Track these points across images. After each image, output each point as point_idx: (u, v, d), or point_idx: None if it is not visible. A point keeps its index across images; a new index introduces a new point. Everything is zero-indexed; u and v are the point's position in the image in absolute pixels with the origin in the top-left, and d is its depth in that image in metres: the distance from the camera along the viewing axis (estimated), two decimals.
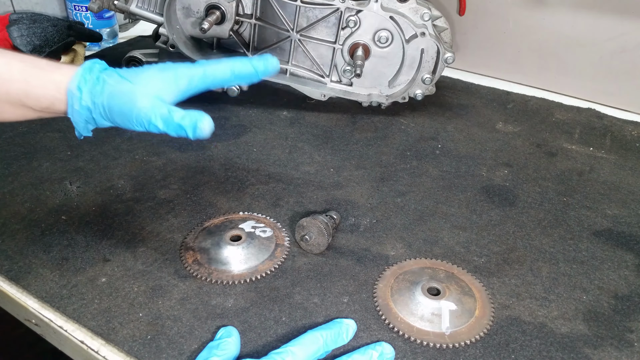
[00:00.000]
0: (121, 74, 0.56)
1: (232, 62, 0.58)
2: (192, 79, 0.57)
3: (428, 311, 0.57)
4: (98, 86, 0.55)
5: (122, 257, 0.64)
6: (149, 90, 0.55)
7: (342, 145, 0.89)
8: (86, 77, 0.55)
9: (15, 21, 0.97)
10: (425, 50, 0.90)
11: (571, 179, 0.82)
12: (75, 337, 0.55)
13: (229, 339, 0.52)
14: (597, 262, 0.66)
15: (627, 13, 0.96)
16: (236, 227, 0.67)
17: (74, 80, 0.55)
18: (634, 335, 0.57)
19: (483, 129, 0.95)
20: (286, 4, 0.89)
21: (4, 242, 0.66)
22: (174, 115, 0.53)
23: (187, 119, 0.53)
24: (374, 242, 0.68)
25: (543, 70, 1.09)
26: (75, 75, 0.55)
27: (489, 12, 1.09)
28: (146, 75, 0.56)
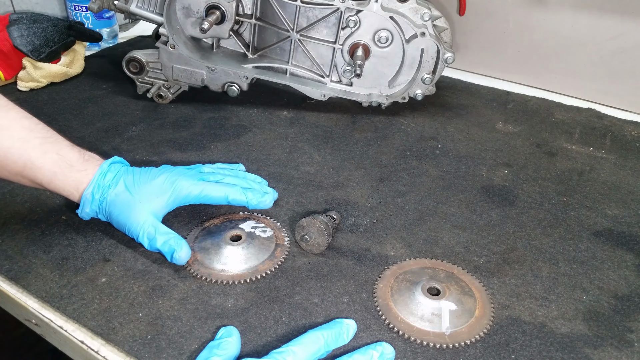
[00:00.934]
0: (127, 182, 0.63)
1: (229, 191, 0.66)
2: (187, 198, 0.65)
3: (428, 311, 0.57)
4: (106, 194, 0.63)
5: (122, 257, 0.64)
6: (144, 205, 0.62)
7: (342, 145, 0.89)
8: (100, 184, 0.63)
9: (15, 21, 0.97)
10: (425, 50, 0.90)
11: (571, 179, 0.82)
12: (75, 337, 0.55)
13: (230, 338, 0.52)
14: (597, 262, 0.66)
15: (627, 13, 0.96)
16: (236, 227, 0.67)
17: (90, 187, 0.62)
18: (634, 335, 0.57)
19: (483, 129, 0.95)
20: (286, 4, 0.89)
21: (4, 242, 0.66)
22: (157, 239, 0.61)
23: (166, 247, 0.60)
24: (374, 242, 0.68)
25: (543, 70, 1.09)
26: (91, 182, 0.62)
27: (489, 12, 1.09)
28: (146, 189, 0.63)
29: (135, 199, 0.62)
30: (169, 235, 0.61)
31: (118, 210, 0.62)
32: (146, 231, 0.61)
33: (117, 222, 0.63)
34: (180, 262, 0.60)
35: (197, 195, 0.65)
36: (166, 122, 0.93)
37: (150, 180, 0.64)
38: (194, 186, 0.65)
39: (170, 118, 0.94)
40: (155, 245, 0.61)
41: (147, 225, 0.61)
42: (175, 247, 0.60)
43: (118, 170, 0.64)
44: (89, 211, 0.64)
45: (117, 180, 0.63)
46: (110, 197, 0.62)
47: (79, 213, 0.64)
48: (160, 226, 0.62)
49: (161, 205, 0.64)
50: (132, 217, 0.62)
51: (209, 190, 0.65)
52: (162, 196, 0.64)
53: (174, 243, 0.60)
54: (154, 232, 0.61)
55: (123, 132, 0.89)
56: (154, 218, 0.62)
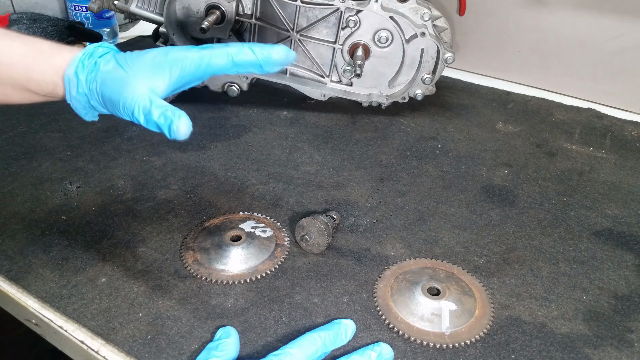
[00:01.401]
0: (118, 60, 0.54)
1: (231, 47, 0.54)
2: (185, 65, 0.54)
3: (428, 311, 0.57)
4: (94, 72, 0.53)
5: (122, 257, 0.64)
6: (139, 79, 0.53)
7: (342, 145, 0.89)
8: (84, 63, 0.54)
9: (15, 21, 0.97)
10: (425, 50, 0.90)
11: (571, 179, 0.82)
12: (75, 337, 0.55)
13: (228, 339, 0.52)
14: (597, 262, 0.66)
15: (627, 13, 0.96)
16: (236, 227, 0.67)
17: (72, 65, 0.53)
18: (634, 335, 0.57)
19: (483, 129, 0.95)
20: (286, 4, 0.89)
21: (4, 242, 0.66)
22: (153, 112, 0.51)
23: (162, 118, 0.51)
24: (374, 242, 0.68)
25: (543, 70, 1.09)
26: (74, 61, 0.53)
27: (489, 12, 1.09)
28: (140, 62, 0.54)
29: (128, 74, 0.53)
30: (166, 107, 0.52)
31: (110, 88, 0.53)
32: (141, 105, 0.52)
33: (110, 102, 0.54)
34: (179, 136, 0.50)
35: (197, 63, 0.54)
36: None
37: (143, 55, 0.55)
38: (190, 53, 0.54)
39: None
40: (151, 118, 0.51)
41: (143, 98, 0.52)
42: (172, 118, 0.50)
43: (105, 51, 0.55)
44: (76, 95, 0.54)
45: (107, 59, 0.54)
46: (101, 75, 0.53)
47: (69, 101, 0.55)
48: (156, 99, 0.52)
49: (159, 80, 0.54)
50: (127, 91, 0.52)
51: (209, 56, 0.54)
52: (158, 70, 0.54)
53: (172, 113, 0.51)
54: (149, 105, 0.51)
55: (123, 132, 0.89)
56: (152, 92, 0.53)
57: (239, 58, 0.54)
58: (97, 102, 0.54)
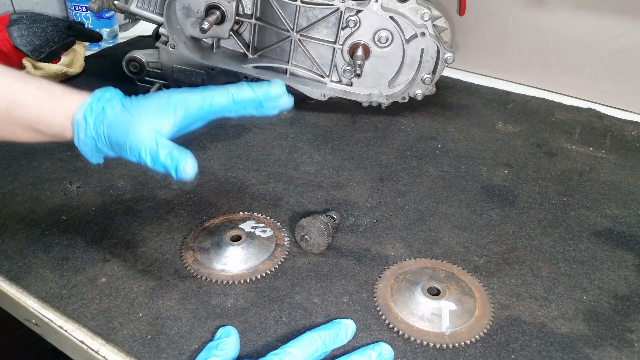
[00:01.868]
0: (125, 103, 0.56)
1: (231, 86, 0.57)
2: (188, 106, 0.56)
3: (428, 311, 0.57)
4: (101, 116, 0.55)
5: (122, 257, 0.64)
6: (145, 121, 0.55)
7: (342, 145, 0.89)
8: (93, 107, 0.56)
9: (15, 21, 0.97)
10: (425, 50, 0.90)
11: (571, 179, 0.82)
12: (75, 337, 0.55)
13: (228, 339, 0.52)
14: (597, 262, 0.66)
15: (627, 13, 0.96)
16: (236, 227, 0.67)
17: (81, 109, 0.55)
18: (634, 335, 0.57)
19: (483, 129, 0.95)
20: (286, 4, 0.89)
21: (4, 242, 0.66)
22: (160, 152, 0.53)
23: (169, 158, 0.52)
24: (374, 242, 0.68)
25: (543, 70, 1.09)
26: (83, 105, 0.55)
27: (489, 12, 1.09)
28: (145, 105, 0.56)
29: (134, 117, 0.55)
30: (173, 148, 0.53)
31: (117, 131, 0.55)
32: (148, 147, 0.53)
33: (117, 144, 0.55)
34: (186, 176, 0.52)
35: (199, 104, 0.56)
36: None
37: (147, 99, 0.57)
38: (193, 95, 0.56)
39: None
40: (158, 159, 0.53)
41: (149, 140, 0.53)
42: (179, 158, 0.52)
43: (112, 95, 0.57)
44: (84, 138, 0.56)
45: (114, 103, 0.56)
46: (108, 120, 0.55)
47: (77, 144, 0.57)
48: (163, 140, 0.54)
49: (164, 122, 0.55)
50: (133, 134, 0.54)
51: (210, 96, 0.56)
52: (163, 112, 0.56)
53: (179, 154, 0.52)
54: (156, 147, 0.53)
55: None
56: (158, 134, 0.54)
57: (239, 96, 0.56)
58: (104, 145, 0.56)
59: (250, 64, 0.95)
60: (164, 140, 0.54)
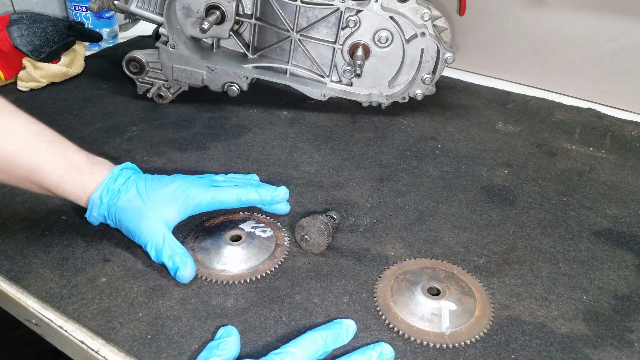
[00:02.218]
0: (139, 188, 0.62)
1: (240, 191, 0.64)
2: (199, 205, 0.63)
3: (428, 311, 0.57)
4: (115, 198, 0.61)
5: (122, 257, 0.64)
6: (155, 212, 0.61)
7: (342, 145, 0.89)
8: (109, 187, 0.61)
9: (15, 21, 0.97)
10: (425, 50, 0.90)
11: (571, 179, 0.82)
12: (75, 337, 0.55)
13: (229, 338, 0.52)
14: (597, 262, 0.66)
15: (627, 13, 0.96)
16: (236, 227, 0.67)
17: (98, 190, 0.61)
18: (634, 335, 0.57)
19: (483, 129, 0.95)
20: (286, 4, 0.89)
21: (4, 242, 0.66)
22: (164, 252, 0.59)
23: (171, 262, 0.59)
24: (374, 242, 0.68)
25: (543, 70, 1.09)
26: (100, 185, 0.61)
27: (489, 12, 1.09)
28: (158, 195, 0.62)
29: (146, 207, 0.61)
30: (175, 251, 0.59)
31: (128, 217, 0.61)
32: (154, 242, 0.60)
33: (126, 229, 0.62)
34: (183, 281, 0.59)
35: (209, 202, 0.63)
36: (166, 122, 0.93)
37: (162, 187, 0.62)
38: (205, 193, 0.63)
39: (170, 118, 0.94)
40: (161, 257, 0.60)
41: (157, 235, 0.60)
42: (179, 265, 0.58)
43: (130, 176, 0.63)
44: (96, 215, 0.62)
45: (129, 186, 0.61)
46: (121, 203, 0.61)
47: (87, 217, 0.63)
48: (169, 238, 0.60)
49: (173, 214, 0.62)
50: (142, 225, 0.60)
51: (220, 195, 0.63)
52: (174, 205, 0.62)
53: (179, 260, 0.59)
54: (161, 244, 0.59)
55: (123, 132, 0.89)
56: (165, 228, 0.61)
57: (246, 198, 0.64)
58: (112, 223, 0.63)
59: (250, 64, 0.95)
60: (171, 238, 0.60)
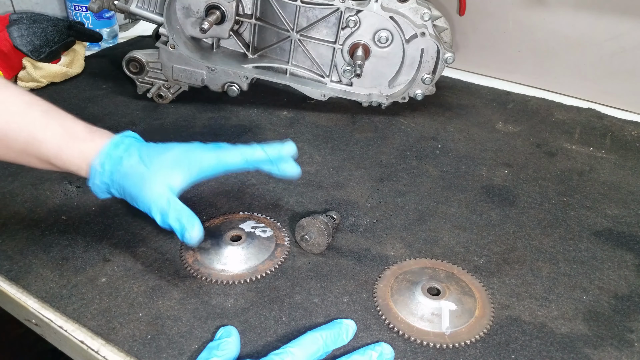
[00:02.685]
0: (142, 154, 0.58)
1: (244, 149, 0.60)
2: (203, 168, 0.59)
3: (428, 311, 0.57)
4: (118, 165, 0.57)
5: (122, 257, 0.64)
6: (159, 176, 0.57)
7: (342, 145, 0.89)
8: (111, 154, 0.58)
9: (15, 21, 0.97)
10: (425, 50, 0.90)
11: (571, 179, 0.82)
12: (75, 337, 0.55)
13: (229, 339, 0.52)
14: (597, 262, 0.66)
15: (627, 13, 0.96)
16: (236, 227, 0.67)
17: (99, 157, 0.57)
18: (634, 335, 0.57)
19: (483, 129, 0.95)
20: (286, 4, 0.89)
21: (4, 242, 0.66)
22: (169, 215, 0.55)
23: (177, 224, 0.55)
24: (374, 242, 0.68)
25: (543, 70, 1.09)
26: (101, 151, 0.57)
27: (489, 12, 1.09)
28: (161, 159, 0.58)
29: (150, 171, 0.57)
30: (182, 212, 0.56)
31: (131, 182, 0.57)
32: (159, 205, 0.55)
33: (130, 195, 0.58)
34: (191, 242, 0.55)
35: (214, 164, 0.59)
36: (166, 122, 0.93)
37: (165, 152, 0.59)
38: (209, 154, 0.59)
39: (170, 118, 0.94)
40: (167, 220, 0.56)
41: (161, 199, 0.56)
42: (186, 225, 0.55)
43: (131, 142, 0.59)
44: (99, 183, 0.58)
45: (131, 152, 0.58)
46: (124, 169, 0.57)
47: (91, 186, 0.59)
48: (174, 201, 0.56)
49: (177, 178, 0.58)
50: (146, 189, 0.56)
51: (224, 156, 0.59)
52: (178, 169, 0.58)
53: (187, 220, 0.55)
54: (167, 207, 0.55)
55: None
56: (169, 192, 0.57)
57: (252, 157, 0.60)
58: (116, 192, 0.59)
59: (250, 64, 0.95)
60: (176, 201, 0.56)
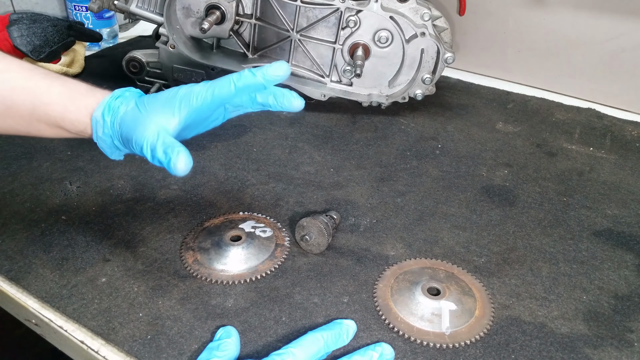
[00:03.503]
0: (138, 102, 0.58)
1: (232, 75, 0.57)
2: (192, 100, 0.57)
3: (428, 311, 0.57)
4: (117, 114, 0.57)
5: (122, 257, 0.64)
6: (152, 117, 0.56)
7: (342, 145, 0.89)
8: (112, 105, 0.57)
9: (15, 21, 0.97)
10: (425, 50, 0.90)
11: (571, 179, 0.82)
12: (75, 337, 0.55)
13: (229, 339, 0.52)
14: (597, 262, 0.66)
15: (627, 13, 0.96)
16: (236, 227, 0.67)
17: (99, 108, 0.57)
18: (634, 335, 0.57)
19: (483, 129, 0.95)
20: (286, 4, 0.89)
21: (4, 242, 0.66)
22: (157, 147, 0.53)
23: (163, 154, 0.53)
24: (374, 242, 0.68)
25: (543, 70, 1.09)
26: (101, 103, 0.57)
27: (489, 12, 1.09)
28: (154, 102, 0.57)
29: (143, 114, 0.56)
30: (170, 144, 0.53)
31: (127, 126, 0.56)
32: (149, 141, 0.54)
33: (126, 139, 0.57)
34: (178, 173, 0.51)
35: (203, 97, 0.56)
36: None
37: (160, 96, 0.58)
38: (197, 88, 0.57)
39: None
40: (156, 154, 0.53)
41: (152, 134, 0.54)
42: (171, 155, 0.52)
43: (132, 94, 0.59)
44: (102, 136, 0.58)
45: (129, 101, 0.57)
46: (121, 117, 0.57)
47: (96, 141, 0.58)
48: (163, 134, 0.54)
49: (171, 117, 0.56)
50: (139, 129, 0.55)
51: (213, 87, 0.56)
52: (169, 108, 0.56)
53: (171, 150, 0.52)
54: (156, 140, 0.53)
55: None
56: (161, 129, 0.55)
57: (241, 82, 0.57)
58: (118, 142, 0.58)
59: (250, 64, 0.95)
60: (166, 136, 0.54)
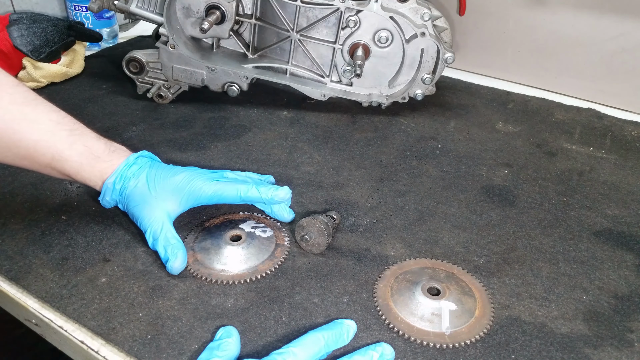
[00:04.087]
0: (149, 176, 0.64)
1: (240, 186, 0.64)
2: (201, 197, 0.65)
3: (428, 311, 0.57)
4: (127, 185, 0.64)
5: (122, 257, 0.64)
6: (159, 201, 0.63)
7: (342, 145, 0.89)
8: (123, 174, 0.64)
9: (15, 21, 0.97)
10: (425, 50, 0.90)
11: (571, 179, 0.82)
12: (75, 337, 0.55)
13: (229, 339, 0.52)
14: (597, 262, 0.66)
15: (627, 13, 0.96)
16: (236, 227, 0.67)
17: (112, 176, 0.63)
18: (634, 335, 0.57)
19: (483, 129, 0.95)
20: (286, 4, 0.89)
21: (4, 242, 0.66)
22: (159, 241, 0.61)
23: (163, 252, 0.61)
24: (374, 242, 0.68)
25: (543, 70, 1.09)
26: (115, 172, 0.63)
27: (489, 12, 1.09)
28: (164, 185, 0.64)
29: (151, 195, 0.63)
30: (169, 241, 0.61)
31: (134, 202, 0.63)
32: (153, 229, 0.62)
33: (131, 214, 0.65)
34: (172, 272, 0.61)
35: (210, 195, 0.64)
36: (166, 122, 0.93)
37: (170, 177, 0.64)
38: (208, 186, 0.64)
39: (170, 118, 0.94)
40: (156, 245, 0.62)
41: (156, 223, 0.62)
42: (170, 256, 0.60)
43: (143, 164, 0.65)
44: (109, 199, 0.65)
45: (140, 174, 0.64)
46: (130, 189, 0.63)
47: (100, 200, 0.66)
48: (166, 228, 0.62)
49: (175, 204, 0.64)
50: (145, 211, 0.63)
51: (222, 189, 0.64)
52: (177, 195, 0.64)
53: (171, 251, 0.60)
54: (159, 233, 0.61)
55: (123, 132, 0.89)
56: (166, 217, 0.63)
57: (247, 195, 0.65)
58: (122, 207, 0.66)
59: (250, 64, 0.95)
60: (168, 229, 0.62)
